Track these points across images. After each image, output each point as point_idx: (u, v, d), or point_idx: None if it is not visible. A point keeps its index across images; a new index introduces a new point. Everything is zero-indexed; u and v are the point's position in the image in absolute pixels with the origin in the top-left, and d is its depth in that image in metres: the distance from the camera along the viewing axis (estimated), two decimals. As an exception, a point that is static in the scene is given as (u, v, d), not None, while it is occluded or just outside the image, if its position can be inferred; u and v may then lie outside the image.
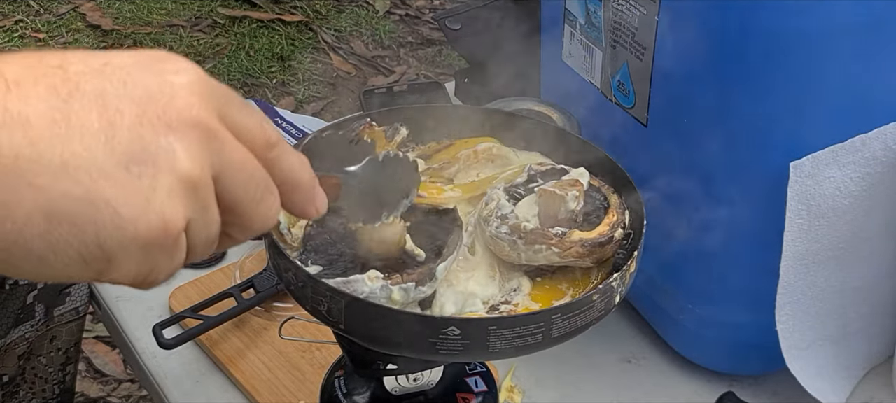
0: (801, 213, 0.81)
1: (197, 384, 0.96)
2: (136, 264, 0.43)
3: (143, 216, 0.42)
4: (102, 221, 0.41)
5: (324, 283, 0.63)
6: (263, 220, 0.48)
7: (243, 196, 0.47)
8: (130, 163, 0.42)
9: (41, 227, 0.41)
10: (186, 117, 0.43)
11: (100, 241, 0.42)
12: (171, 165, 0.42)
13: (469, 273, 0.69)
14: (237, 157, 0.46)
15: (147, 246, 0.43)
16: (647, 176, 0.76)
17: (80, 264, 0.42)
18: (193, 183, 0.43)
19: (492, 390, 0.82)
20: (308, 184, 0.52)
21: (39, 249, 0.41)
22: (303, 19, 3.14)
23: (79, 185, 0.41)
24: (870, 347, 0.94)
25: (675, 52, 0.83)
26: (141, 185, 0.42)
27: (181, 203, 0.43)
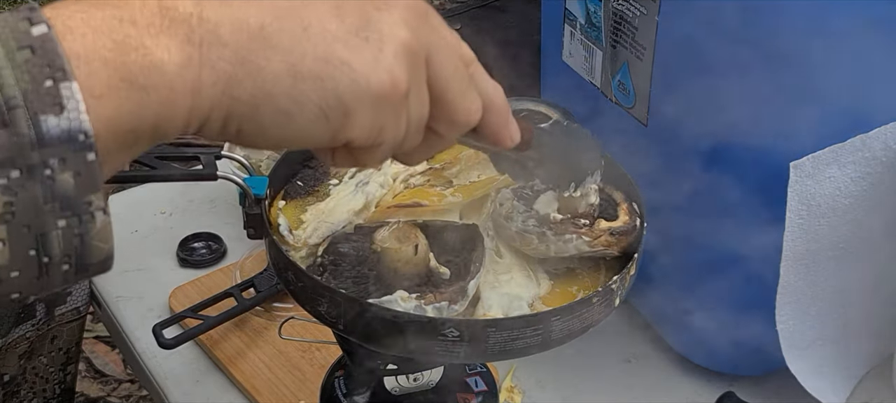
0: (801, 213, 0.81)
1: (197, 384, 0.97)
2: (369, 119, 0.48)
3: (374, 72, 0.47)
4: (340, 76, 0.47)
5: (323, 283, 0.63)
6: (466, 115, 0.53)
7: (450, 84, 0.51)
8: (359, 30, 0.47)
9: (287, 84, 0.46)
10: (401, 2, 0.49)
11: (338, 94, 0.47)
12: (393, 32, 0.48)
13: (507, 275, 0.68)
14: (445, 44, 0.51)
15: (378, 101, 0.48)
16: (647, 176, 0.76)
17: (321, 119, 0.47)
18: (413, 50, 0.49)
19: (492, 390, 0.82)
20: (504, 107, 0.56)
21: (285, 105, 0.46)
22: (303, 19, 3.14)
23: (318, 46, 0.46)
24: (870, 347, 0.94)
25: (675, 52, 0.83)
26: (370, 48, 0.47)
27: (404, 65, 0.48)
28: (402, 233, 0.67)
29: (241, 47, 0.45)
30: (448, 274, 0.66)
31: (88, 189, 0.41)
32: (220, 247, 1.11)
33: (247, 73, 0.45)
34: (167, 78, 0.43)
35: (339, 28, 0.47)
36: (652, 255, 0.71)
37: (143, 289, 1.06)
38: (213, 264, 1.09)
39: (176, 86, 0.44)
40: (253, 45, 0.45)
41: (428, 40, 0.50)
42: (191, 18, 0.44)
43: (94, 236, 0.42)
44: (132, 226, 1.15)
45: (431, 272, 0.66)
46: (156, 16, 0.44)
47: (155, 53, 0.43)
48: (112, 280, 1.08)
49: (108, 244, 0.43)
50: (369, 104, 0.47)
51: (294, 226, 0.71)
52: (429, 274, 0.67)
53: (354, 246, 0.69)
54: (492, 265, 0.69)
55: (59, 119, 0.40)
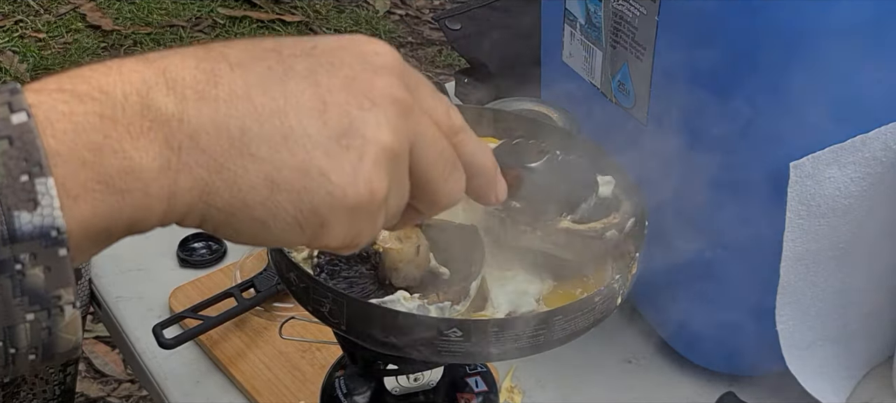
0: (801, 213, 0.81)
1: (197, 384, 0.96)
2: (344, 228, 0.47)
3: (353, 184, 0.46)
4: (317, 189, 0.45)
5: (325, 284, 0.63)
6: (449, 196, 0.52)
7: (433, 170, 0.50)
8: (340, 136, 0.46)
9: (263, 194, 0.45)
10: (387, 94, 0.47)
11: (314, 207, 0.45)
12: (375, 137, 0.46)
13: (513, 271, 0.68)
14: (429, 132, 0.50)
15: (355, 211, 0.46)
16: (647, 176, 0.76)
17: (296, 228, 0.46)
18: (394, 153, 0.47)
19: (492, 390, 0.82)
20: (490, 170, 0.55)
21: (261, 215, 0.45)
22: (303, 19, 3.14)
23: (295, 157, 0.45)
24: (870, 347, 0.94)
25: (675, 51, 0.83)
26: (350, 157, 0.46)
27: (384, 172, 0.47)
28: (403, 233, 0.67)
29: (219, 154, 0.44)
30: (448, 274, 0.66)
31: (58, 284, 0.41)
32: (220, 247, 1.11)
33: (223, 182, 0.44)
34: (144, 182, 0.43)
35: (321, 133, 0.45)
36: (653, 255, 0.71)
37: (143, 289, 1.06)
38: (213, 264, 1.09)
39: (152, 190, 0.43)
40: (231, 152, 0.44)
41: (414, 132, 0.48)
42: (172, 120, 0.43)
43: (62, 329, 0.42)
44: (132, 227, 1.15)
45: (432, 272, 0.66)
46: (137, 115, 0.43)
47: (133, 157, 0.42)
48: (112, 280, 1.08)
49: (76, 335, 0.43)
50: (345, 215, 0.46)
51: None
52: (429, 275, 0.67)
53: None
54: (496, 262, 0.69)
55: (33, 215, 0.40)
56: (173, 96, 0.43)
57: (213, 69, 0.45)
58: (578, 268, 0.70)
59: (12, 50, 2.92)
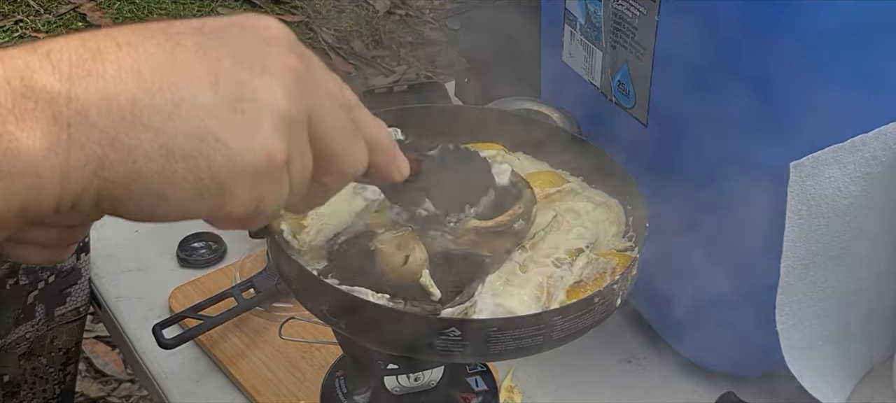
0: (801, 213, 0.81)
1: (197, 384, 0.97)
2: (246, 193, 0.47)
3: (250, 147, 0.46)
4: (213, 154, 0.45)
5: (325, 283, 0.63)
6: (353, 165, 0.52)
7: (334, 139, 0.50)
8: (234, 102, 0.46)
9: (159, 164, 0.44)
10: (280, 62, 0.48)
11: (213, 173, 0.45)
12: (270, 102, 0.46)
13: (517, 289, 0.68)
14: (327, 101, 0.50)
15: (255, 176, 0.46)
16: (648, 176, 0.76)
17: (196, 197, 0.46)
18: (291, 118, 0.47)
19: (492, 389, 0.82)
20: (389, 145, 0.55)
21: (158, 185, 0.45)
22: (303, 19, 3.14)
23: (189, 124, 0.44)
24: (870, 347, 0.94)
25: (676, 52, 0.83)
26: (245, 121, 0.46)
27: (282, 136, 0.47)
28: (402, 241, 0.67)
29: (110, 127, 0.43)
30: (438, 296, 0.66)
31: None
32: (220, 247, 1.11)
33: (117, 155, 0.44)
34: (33, 163, 0.42)
35: (213, 100, 0.45)
36: (652, 255, 0.71)
37: (143, 289, 1.06)
38: (213, 264, 1.09)
39: (42, 171, 0.42)
40: (123, 124, 0.44)
41: (310, 101, 0.49)
42: (58, 98, 0.43)
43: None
44: (132, 226, 1.15)
45: (422, 287, 0.66)
46: (20, 97, 0.42)
47: (19, 139, 0.42)
48: (112, 280, 1.08)
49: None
50: (246, 180, 0.46)
51: (296, 232, 0.71)
52: (417, 289, 0.66)
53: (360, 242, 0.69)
54: (510, 276, 0.69)
55: None
56: (58, 75, 0.43)
57: (100, 46, 0.45)
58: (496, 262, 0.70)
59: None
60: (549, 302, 0.67)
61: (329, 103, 0.50)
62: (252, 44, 0.48)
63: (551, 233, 0.72)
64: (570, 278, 0.69)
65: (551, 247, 0.71)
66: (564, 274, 0.69)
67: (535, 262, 0.70)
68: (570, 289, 0.68)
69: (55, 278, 1.04)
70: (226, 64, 0.46)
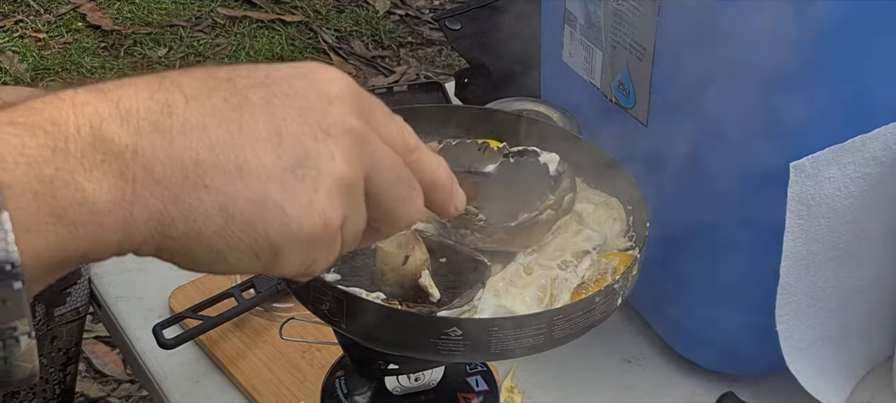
0: (801, 213, 0.81)
1: (197, 384, 0.96)
2: (300, 257, 0.47)
3: (307, 216, 0.46)
4: (271, 220, 0.46)
5: (325, 283, 0.63)
6: (408, 216, 0.53)
7: (390, 194, 0.51)
8: (295, 167, 0.46)
9: (218, 225, 0.45)
10: (341, 124, 0.48)
11: (269, 238, 0.46)
12: (330, 168, 0.47)
13: (520, 290, 0.68)
14: (385, 159, 0.50)
15: (310, 242, 0.47)
16: (648, 176, 0.76)
17: (251, 258, 0.46)
18: (349, 183, 0.48)
19: (492, 389, 0.82)
20: (447, 183, 0.55)
21: (217, 245, 0.45)
22: (303, 19, 3.14)
23: (250, 188, 0.45)
24: (870, 347, 0.94)
25: (675, 51, 0.83)
26: (304, 188, 0.46)
27: (339, 202, 0.47)
28: (402, 240, 0.67)
29: (174, 185, 0.44)
30: (437, 297, 0.66)
31: (14, 316, 0.41)
32: (220, 247, 1.11)
33: (179, 213, 0.44)
34: (98, 215, 0.43)
35: (275, 164, 0.46)
36: (653, 255, 0.71)
37: (143, 289, 1.06)
38: (212, 264, 1.09)
39: (106, 222, 0.43)
40: (186, 183, 0.44)
41: (368, 161, 0.49)
42: (125, 152, 0.43)
43: (18, 358, 0.43)
44: (132, 226, 1.15)
45: (419, 288, 0.66)
46: (89, 147, 0.43)
47: (86, 189, 0.43)
48: (112, 280, 1.08)
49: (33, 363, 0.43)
50: (301, 245, 0.47)
51: None
52: (416, 289, 0.66)
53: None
54: (513, 278, 0.69)
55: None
56: (127, 128, 0.44)
57: (168, 100, 0.45)
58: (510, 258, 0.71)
59: (12, 50, 2.92)
60: (553, 304, 0.67)
61: (387, 159, 0.50)
62: (316, 101, 0.48)
63: (558, 236, 0.72)
64: (574, 280, 0.69)
65: (557, 250, 0.71)
66: (569, 277, 0.69)
67: (540, 264, 0.70)
68: (574, 291, 0.68)
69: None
70: (289, 124, 0.47)
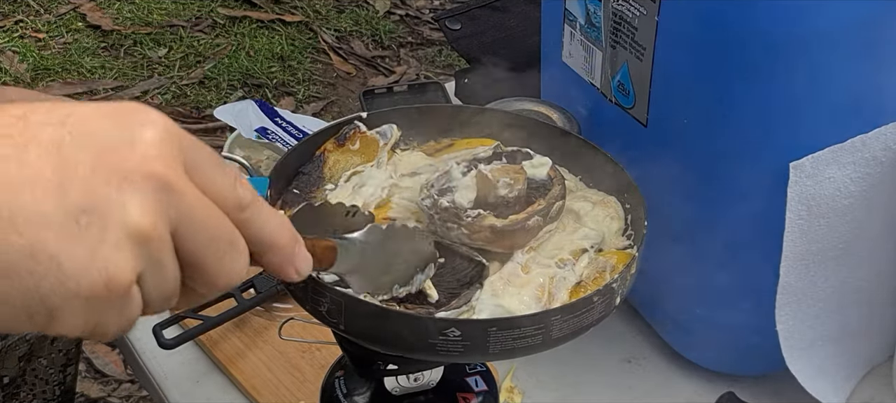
0: (801, 213, 0.81)
1: (197, 384, 0.97)
2: (81, 319, 0.42)
3: (86, 271, 0.41)
4: (44, 274, 0.40)
5: (324, 283, 0.63)
6: (228, 277, 0.47)
7: (205, 252, 0.45)
8: (79, 216, 0.41)
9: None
10: (144, 169, 0.42)
11: (41, 295, 0.41)
12: (120, 218, 0.41)
13: (518, 289, 0.68)
14: (198, 212, 0.45)
15: (90, 301, 0.41)
16: (648, 176, 0.76)
17: (22, 317, 0.41)
18: (144, 236, 0.42)
19: (492, 389, 0.82)
20: (286, 245, 0.50)
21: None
22: (303, 19, 3.14)
23: (22, 237, 0.40)
24: (870, 347, 0.94)
25: (675, 52, 0.83)
26: (87, 237, 0.41)
27: (130, 256, 0.42)
28: None
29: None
30: (436, 298, 0.66)
31: None
32: (219, 248, 1.11)
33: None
34: None
35: (57, 211, 0.40)
36: (652, 255, 0.71)
37: (142, 290, 1.06)
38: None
39: None
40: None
41: (176, 212, 0.43)
42: None
43: None
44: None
45: (419, 290, 0.66)
46: None
47: None
48: (112, 280, 1.08)
49: None
50: (79, 305, 0.41)
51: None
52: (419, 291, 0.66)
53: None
54: (511, 277, 0.69)
55: None
56: None
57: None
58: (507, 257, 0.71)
59: (12, 50, 2.92)
60: (551, 303, 0.67)
61: (201, 213, 0.45)
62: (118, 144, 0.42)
63: (556, 235, 0.72)
64: (572, 278, 0.69)
65: (556, 248, 0.71)
66: (567, 275, 0.69)
67: (537, 263, 0.70)
68: (572, 290, 0.68)
69: (55, 278, 1.03)
70: (80, 169, 0.41)
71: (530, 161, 0.75)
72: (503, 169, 0.73)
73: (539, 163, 0.75)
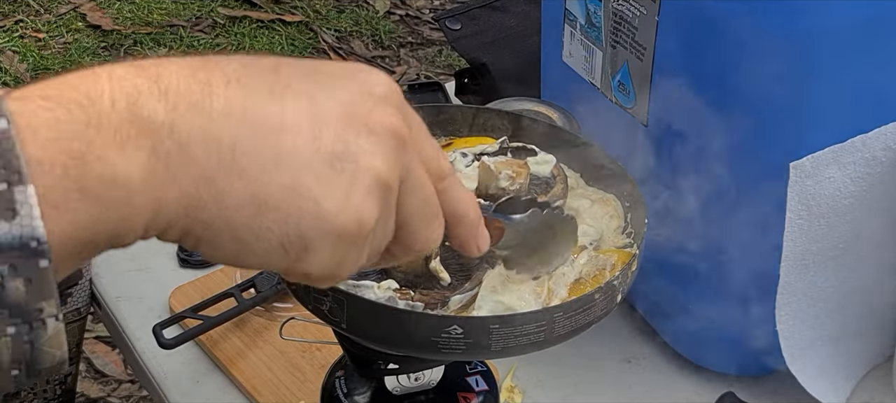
0: (801, 213, 0.81)
1: (197, 384, 0.97)
2: (328, 254, 0.45)
3: (343, 210, 0.45)
4: (305, 212, 0.44)
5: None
6: (425, 243, 0.51)
7: (416, 212, 0.49)
8: (334, 160, 0.44)
9: (249, 213, 0.43)
10: (386, 124, 0.46)
11: (301, 231, 0.44)
12: (369, 165, 0.45)
13: (517, 285, 0.68)
14: (418, 174, 0.48)
15: (341, 239, 0.45)
16: (648, 176, 0.76)
17: (279, 251, 0.45)
18: (387, 185, 0.46)
19: (492, 389, 0.82)
20: (473, 220, 0.54)
21: (245, 235, 0.44)
22: (303, 19, 3.14)
23: (285, 177, 0.43)
24: (870, 347, 0.94)
25: (676, 52, 0.83)
26: (342, 182, 0.44)
27: (375, 202, 0.46)
28: None
29: (208, 167, 0.42)
30: (448, 281, 0.66)
31: (40, 297, 0.39)
32: (220, 247, 1.11)
33: (210, 197, 0.43)
34: (127, 192, 0.41)
35: (314, 156, 0.44)
36: (652, 254, 0.71)
37: (143, 289, 1.06)
38: (213, 264, 1.09)
39: (135, 201, 0.41)
40: (221, 166, 0.42)
41: (405, 166, 0.47)
42: (161, 129, 0.42)
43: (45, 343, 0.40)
44: (132, 226, 1.15)
45: (430, 273, 0.66)
46: (124, 122, 0.41)
47: (118, 165, 0.41)
48: (112, 280, 1.08)
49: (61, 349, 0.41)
50: (331, 241, 0.45)
51: None
52: (427, 274, 0.66)
53: None
54: (511, 274, 0.69)
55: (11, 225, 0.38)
56: (164, 103, 0.42)
57: (209, 80, 0.43)
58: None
59: (12, 50, 2.92)
60: (550, 299, 0.67)
61: (421, 175, 0.49)
62: (361, 100, 0.46)
63: None
64: (571, 274, 0.69)
65: None
66: (567, 271, 0.69)
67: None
68: (571, 286, 0.68)
69: (55, 278, 1.04)
70: (332, 118, 0.45)
71: (535, 157, 0.75)
72: (507, 162, 0.73)
73: (543, 161, 0.75)
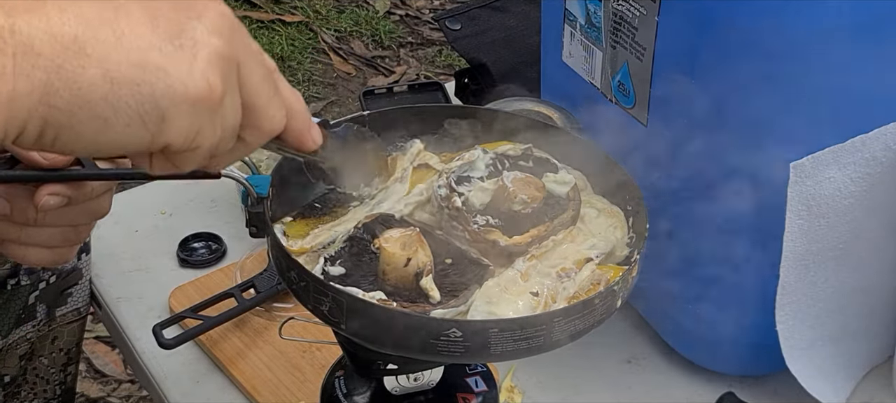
0: (801, 214, 0.81)
1: (197, 384, 0.97)
2: (186, 123, 0.49)
3: (191, 77, 0.49)
4: (156, 81, 0.48)
5: (326, 282, 0.63)
6: (272, 122, 0.55)
7: (258, 92, 0.53)
8: (173, 37, 0.49)
9: (104, 89, 0.47)
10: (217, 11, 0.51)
11: (155, 99, 0.48)
12: (207, 41, 0.50)
13: (513, 296, 0.68)
14: (253, 53, 0.53)
15: (195, 105, 0.49)
16: (648, 176, 0.76)
17: (138, 123, 0.48)
18: (226, 56, 0.50)
19: (492, 390, 0.82)
20: (304, 113, 0.58)
21: (102, 110, 0.47)
22: (303, 19, 3.14)
23: (131, 54, 0.47)
24: (870, 347, 0.94)
25: (675, 52, 0.83)
26: (185, 55, 0.49)
27: (219, 72, 0.50)
28: (407, 241, 0.67)
29: (55, 56, 0.46)
30: (437, 299, 0.66)
31: None
32: (220, 247, 1.11)
33: (63, 82, 0.46)
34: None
35: (153, 36, 0.48)
36: (653, 256, 0.71)
37: (143, 289, 1.06)
38: (213, 264, 1.09)
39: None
40: (68, 53, 0.46)
41: (239, 48, 0.52)
42: (3, 31, 0.45)
43: None
44: (132, 226, 1.15)
45: (421, 288, 0.66)
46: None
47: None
48: (112, 280, 1.08)
49: None
50: (186, 109, 0.49)
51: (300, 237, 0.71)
52: (417, 290, 0.66)
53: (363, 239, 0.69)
54: (509, 284, 0.69)
55: None
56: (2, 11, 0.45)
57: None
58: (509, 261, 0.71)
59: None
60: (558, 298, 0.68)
61: (254, 57, 0.53)
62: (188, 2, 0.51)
63: (563, 245, 0.72)
64: (572, 288, 0.68)
65: (560, 258, 0.71)
66: (567, 286, 0.68)
67: (538, 271, 0.70)
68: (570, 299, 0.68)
69: (56, 278, 1.04)
70: (164, 9, 0.49)
71: (555, 175, 0.75)
72: (525, 181, 0.73)
73: (562, 181, 0.75)
